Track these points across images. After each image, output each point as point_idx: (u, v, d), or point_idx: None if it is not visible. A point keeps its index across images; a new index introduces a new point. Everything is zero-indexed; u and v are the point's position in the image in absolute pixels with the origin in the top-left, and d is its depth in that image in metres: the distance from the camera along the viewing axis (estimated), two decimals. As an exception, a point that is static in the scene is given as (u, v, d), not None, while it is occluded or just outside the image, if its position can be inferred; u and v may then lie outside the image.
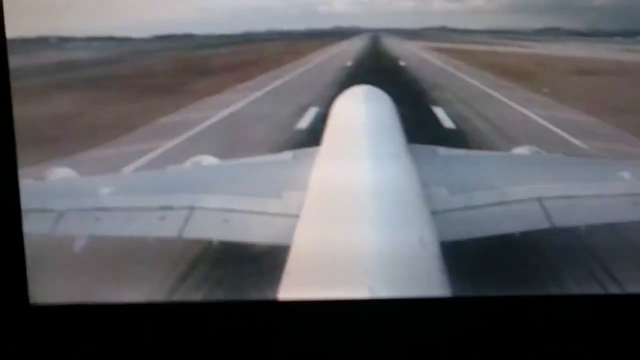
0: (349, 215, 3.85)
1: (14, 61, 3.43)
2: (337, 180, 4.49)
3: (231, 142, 10.56)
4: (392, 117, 6.33)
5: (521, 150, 6.90)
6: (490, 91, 16.92)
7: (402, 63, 30.10)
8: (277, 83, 19.24)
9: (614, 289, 4.81)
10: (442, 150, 6.31)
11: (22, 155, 3.48)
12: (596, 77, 23.44)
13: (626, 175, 5.04)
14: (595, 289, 4.85)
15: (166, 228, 4.57)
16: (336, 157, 5.20)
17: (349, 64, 29.71)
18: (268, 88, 17.97)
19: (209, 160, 6.72)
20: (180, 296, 4.92)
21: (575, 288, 4.91)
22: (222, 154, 7.01)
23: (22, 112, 3.53)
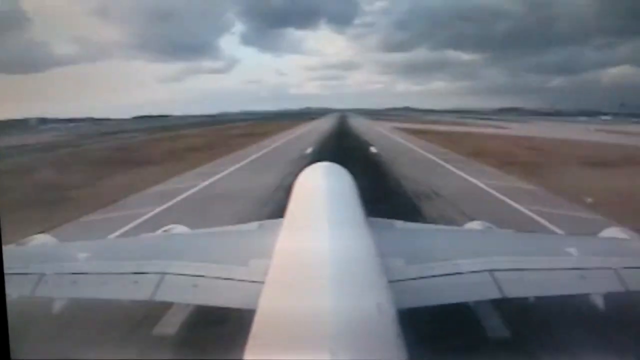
0: (311, 282, 4.06)
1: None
2: (299, 250, 4.76)
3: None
4: (352, 191, 6.62)
5: (474, 225, 7.28)
6: (522, 209, 13.27)
7: (374, 150, 30.72)
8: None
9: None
10: (399, 223, 6.61)
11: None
12: (614, 170, 22.49)
13: (573, 250, 5.34)
14: None
15: (139, 291, 4.82)
16: (298, 229, 5.45)
17: (309, 150, 29.04)
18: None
19: (180, 228, 7.13)
20: (152, 356, 5.03)
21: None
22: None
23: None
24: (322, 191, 6.40)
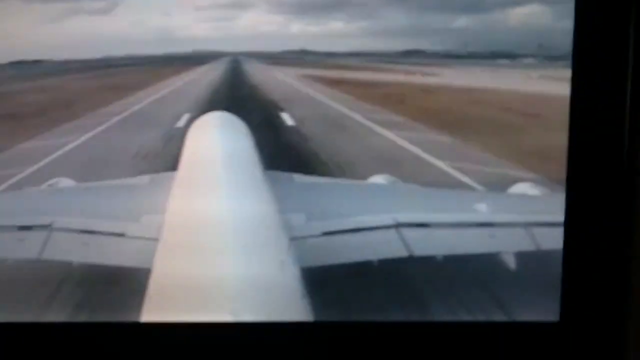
0: (208, 240, 3.92)
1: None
2: (193, 207, 4.60)
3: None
4: (248, 143, 6.48)
5: (378, 179, 7.06)
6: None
7: (288, 119, 12.42)
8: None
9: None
10: (299, 177, 6.48)
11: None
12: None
13: (482, 207, 5.32)
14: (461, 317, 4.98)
15: (24, 250, 4.57)
16: (192, 183, 5.27)
17: (182, 120, 14.05)
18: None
19: (66, 182, 6.73)
20: (45, 317, 4.79)
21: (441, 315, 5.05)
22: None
23: None
24: (217, 143, 6.23)
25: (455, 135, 14.15)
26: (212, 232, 4.01)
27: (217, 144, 6.33)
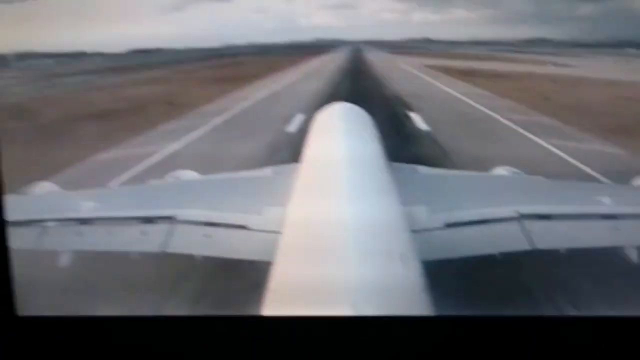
0: (330, 234, 3.89)
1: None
2: (317, 199, 4.61)
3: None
4: (372, 135, 6.43)
5: (501, 170, 6.87)
6: None
7: (418, 121, 15.23)
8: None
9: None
10: (422, 169, 6.35)
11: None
12: None
13: (606, 200, 5.06)
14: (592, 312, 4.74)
15: (148, 243, 4.72)
16: (316, 176, 5.26)
17: (295, 123, 14.29)
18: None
19: (189, 174, 6.89)
20: (166, 311, 4.95)
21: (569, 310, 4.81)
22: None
23: None
24: (341, 134, 6.18)
25: (624, 145, 11.71)
26: (334, 225, 3.97)
27: (340, 135, 6.30)
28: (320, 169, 5.37)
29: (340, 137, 6.21)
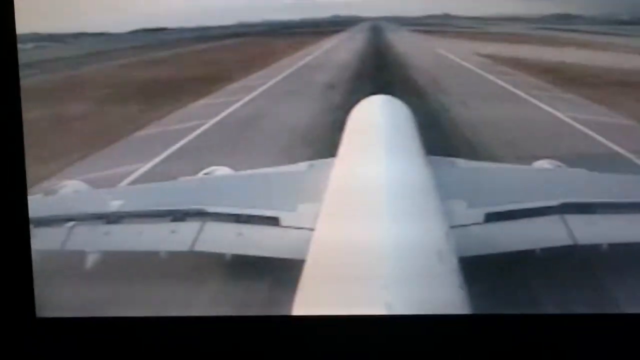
0: (366, 229, 3.81)
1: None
2: (353, 194, 4.54)
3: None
4: (411, 127, 6.33)
5: (543, 163, 6.74)
6: None
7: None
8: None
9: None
10: (461, 162, 6.29)
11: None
12: None
13: None
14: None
15: (177, 242, 4.64)
16: (352, 170, 5.20)
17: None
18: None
19: (222, 170, 6.73)
20: (192, 311, 4.86)
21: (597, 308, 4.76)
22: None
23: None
24: (378, 128, 6.13)
25: None
26: (370, 220, 3.94)
27: (379, 129, 6.23)
28: (356, 166, 5.29)
29: (377, 133, 6.11)
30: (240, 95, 14.99)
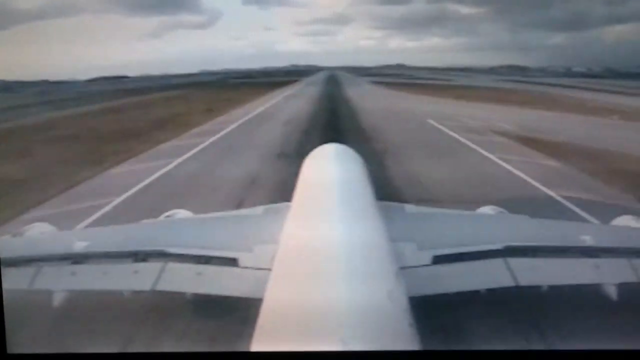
0: (320, 270, 4.03)
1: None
2: (307, 237, 4.73)
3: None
4: (362, 174, 6.54)
5: (486, 209, 7.13)
6: None
7: None
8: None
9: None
10: (411, 207, 6.54)
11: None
12: None
13: (587, 239, 5.30)
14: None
15: (140, 282, 4.80)
16: (306, 214, 5.38)
17: None
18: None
19: (183, 213, 7.05)
20: (156, 347, 4.98)
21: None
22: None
23: None
24: (331, 174, 6.33)
25: None
26: (324, 260, 4.12)
27: (332, 175, 6.41)
28: (311, 209, 5.49)
29: (330, 178, 6.30)
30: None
